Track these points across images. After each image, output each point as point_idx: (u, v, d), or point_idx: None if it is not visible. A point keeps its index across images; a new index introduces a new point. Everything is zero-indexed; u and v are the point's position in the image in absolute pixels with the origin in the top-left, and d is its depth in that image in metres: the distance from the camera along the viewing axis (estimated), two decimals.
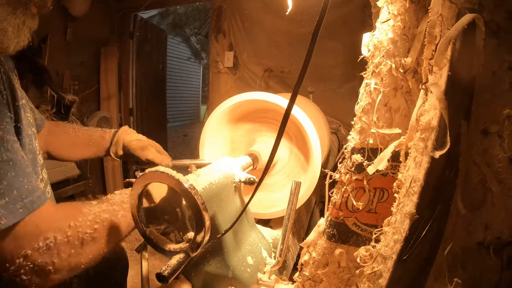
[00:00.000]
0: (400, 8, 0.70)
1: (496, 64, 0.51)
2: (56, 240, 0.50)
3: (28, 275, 0.48)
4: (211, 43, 2.96)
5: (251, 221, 0.98)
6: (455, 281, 0.51)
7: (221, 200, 0.80)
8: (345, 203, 0.78)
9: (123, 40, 3.35)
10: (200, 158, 1.24)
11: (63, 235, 0.51)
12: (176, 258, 0.62)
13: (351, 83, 2.42)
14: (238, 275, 0.81)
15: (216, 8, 2.86)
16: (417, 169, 0.55)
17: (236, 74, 2.88)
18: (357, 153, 0.76)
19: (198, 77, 10.49)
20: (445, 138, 0.50)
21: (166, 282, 0.58)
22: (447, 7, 0.54)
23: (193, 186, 0.60)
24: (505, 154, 0.50)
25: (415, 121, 0.61)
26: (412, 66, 0.69)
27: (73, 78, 2.89)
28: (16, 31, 0.58)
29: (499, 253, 0.50)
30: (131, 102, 3.51)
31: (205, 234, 0.60)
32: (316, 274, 0.83)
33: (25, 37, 0.61)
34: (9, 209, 0.45)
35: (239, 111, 1.24)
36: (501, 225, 0.51)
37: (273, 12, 2.53)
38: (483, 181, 0.52)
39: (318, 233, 0.85)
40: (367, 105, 0.75)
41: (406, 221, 0.54)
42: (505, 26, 0.50)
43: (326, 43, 2.36)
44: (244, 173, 0.89)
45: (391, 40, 0.71)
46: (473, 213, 0.52)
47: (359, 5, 2.27)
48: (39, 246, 0.48)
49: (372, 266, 0.62)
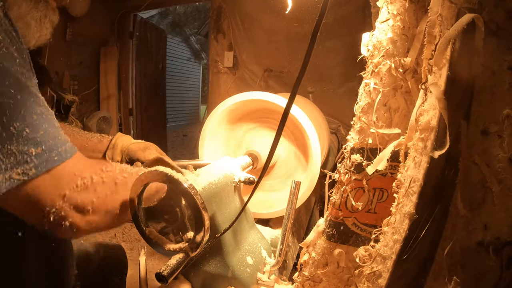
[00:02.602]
0: (399, 8, 0.70)
1: (496, 64, 0.51)
2: (92, 180, 0.52)
3: (69, 217, 0.49)
4: (211, 43, 2.96)
5: (250, 221, 0.98)
6: (455, 280, 0.51)
7: (220, 199, 0.80)
8: (345, 203, 0.78)
9: (123, 40, 3.34)
10: (200, 158, 1.24)
11: (98, 176, 0.53)
12: (175, 258, 0.62)
13: (351, 83, 2.42)
14: (238, 275, 0.81)
15: (216, 8, 2.86)
16: (417, 169, 0.55)
17: (235, 74, 2.88)
18: (357, 153, 0.76)
19: (197, 77, 10.48)
20: (444, 138, 0.50)
21: (165, 282, 0.58)
22: (446, 7, 0.54)
23: (193, 186, 0.60)
24: (505, 154, 0.50)
25: (414, 121, 0.61)
26: (412, 66, 0.69)
27: (72, 78, 2.88)
28: (39, 25, 0.58)
29: (498, 253, 0.50)
30: (130, 102, 3.51)
31: (204, 233, 0.60)
32: (316, 274, 0.83)
33: (47, 30, 0.61)
34: (45, 157, 0.47)
35: (239, 111, 1.24)
36: (500, 225, 0.51)
37: (272, 12, 2.53)
38: (483, 181, 0.52)
39: (318, 233, 0.85)
40: (367, 105, 0.75)
41: (406, 221, 0.54)
42: (505, 26, 0.50)
43: (326, 43, 2.36)
44: (243, 173, 0.89)
45: (390, 40, 0.71)
46: (473, 213, 0.52)
47: (359, 5, 2.27)
48: (76, 185, 0.50)
49: (372, 266, 0.62)
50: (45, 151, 0.47)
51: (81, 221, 0.50)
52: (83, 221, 0.51)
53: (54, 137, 0.49)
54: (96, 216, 0.52)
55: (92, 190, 0.52)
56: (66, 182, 0.49)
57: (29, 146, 0.45)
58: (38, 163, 0.46)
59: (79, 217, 0.50)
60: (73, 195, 0.49)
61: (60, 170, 0.49)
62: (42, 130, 0.48)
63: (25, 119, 0.45)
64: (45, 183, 0.47)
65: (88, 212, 0.51)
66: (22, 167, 0.44)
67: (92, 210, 0.51)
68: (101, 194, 0.53)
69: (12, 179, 0.43)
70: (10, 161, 0.43)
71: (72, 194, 0.49)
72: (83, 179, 0.51)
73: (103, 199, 0.53)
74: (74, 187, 0.50)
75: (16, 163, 0.44)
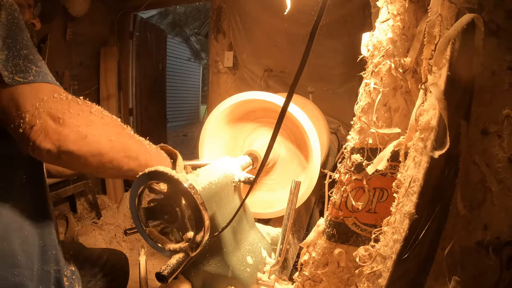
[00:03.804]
0: (399, 8, 0.70)
1: (496, 64, 0.51)
2: (68, 97, 0.59)
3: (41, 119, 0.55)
4: (211, 43, 2.96)
5: (250, 220, 0.98)
6: (455, 280, 0.51)
7: (220, 199, 0.80)
8: (345, 203, 0.78)
9: (123, 40, 3.35)
10: (200, 158, 1.24)
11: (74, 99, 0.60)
12: (175, 257, 0.62)
13: (351, 83, 2.43)
14: (238, 275, 0.81)
15: (216, 8, 2.86)
16: (417, 169, 0.55)
17: (235, 74, 2.88)
18: (357, 153, 0.76)
19: (197, 77, 10.49)
20: (444, 138, 0.50)
21: (165, 282, 0.58)
22: (446, 7, 0.54)
23: (193, 186, 0.60)
24: (505, 154, 0.50)
25: (414, 121, 0.61)
26: (412, 66, 0.69)
27: (72, 78, 2.89)
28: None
29: (498, 253, 0.50)
30: (130, 102, 3.51)
31: (204, 233, 0.60)
32: (316, 274, 0.83)
33: None
34: (41, 74, 0.59)
35: (239, 110, 1.24)
36: (500, 224, 0.51)
37: (272, 12, 2.53)
38: (483, 181, 0.52)
39: (318, 233, 0.85)
40: (367, 105, 0.75)
41: (406, 221, 0.54)
42: (505, 26, 0.50)
43: (326, 43, 2.37)
44: (243, 172, 0.89)
45: (390, 40, 0.71)
46: (473, 213, 0.53)
47: (359, 5, 2.27)
48: (53, 95, 0.57)
49: (372, 266, 0.62)
50: (41, 72, 0.59)
51: (50, 128, 0.55)
52: (52, 128, 0.55)
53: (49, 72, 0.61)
54: (66, 129, 0.56)
55: (66, 104, 0.58)
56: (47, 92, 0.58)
57: (31, 65, 0.58)
58: (35, 75, 0.58)
59: (50, 122, 0.55)
60: (49, 101, 0.56)
61: (49, 86, 0.59)
62: (41, 63, 0.60)
63: (32, 52, 0.60)
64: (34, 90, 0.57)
65: (58, 121, 0.56)
66: (23, 74, 0.56)
67: (62, 121, 0.56)
68: (74, 111, 0.58)
69: (14, 79, 0.55)
70: (16, 69, 0.56)
71: (48, 100, 0.56)
72: (61, 93, 0.59)
73: (75, 117, 0.58)
74: (51, 96, 0.57)
75: (20, 71, 0.56)
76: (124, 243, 2.68)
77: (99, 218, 2.88)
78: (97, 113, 0.61)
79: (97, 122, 0.60)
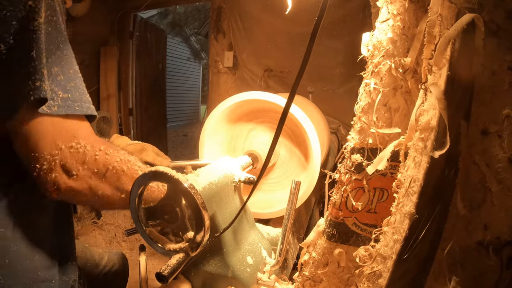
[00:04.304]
0: (399, 8, 0.70)
1: (496, 64, 0.51)
2: (85, 149, 0.54)
3: (55, 172, 0.52)
4: (211, 43, 2.96)
5: (250, 220, 0.98)
6: (454, 280, 0.51)
7: (220, 199, 0.80)
8: (345, 203, 0.78)
9: (123, 40, 3.35)
10: (200, 158, 1.24)
11: (93, 150, 0.55)
12: (175, 257, 0.62)
13: (351, 83, 2.43)
14: (238, 275, 0.81)
15: (216, 8, 2.86)
16: (417, 169, 0.55)
17: (235, 74, 2.88)
18: (357, 153, 0.76)
19: (197, 77, 10.48)
20: (444, 138, 0.50)
21: (165, 282, 0.58)
22: (446, 6, 0.54)
23: (193, 186, 0.60)
24: (505, 154, 0.50)
25: (414, 121, 0.61)
26: (412, 66, 0.69)
27: None
28: None
29: (498, 253, 0.50)
30: (130, 102, 3.51)
31: (204, 233, 0.60)
32: (316, 274, 0.83)
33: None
34: (68, 103, 0.53)
35: (239, 110, 1.24)
36: (500, 224, 0.51)
37: (272, 12, 2.53)
38: (483, 181, 0.52)
39: (318, 233, 0.85)
40: (367, 105, 0.75)
41: (406, 221, 0.54)
42: (505, 26, 0.50)
43: (326, 43, 2.37)
44: (243, 172, 0.89)
45: (390, 40, 0.71)
46: (473, 213, 0.52)
47: (359, 5, 2.27)
48: (71, 146, 0.53)
49: (372, 266, 0.62)
50: (70, 99, 0.53)
51: (63, 183, 0.53)
52: (65, 184, 0.53)
53: (81, 92, 0.56)
54: (79, 185, 0.54)
55: (81, 159, 0.54)
56: (65, 135, 0.53)
57: (59, 88, 0.52)
58: (61, 104, 0.52)
59: (64, 178, 0.53)
60: (65, 153, 0.52)
61: (69, 121, 0.53)
62: (73, 83, 0.54)
63: (63, 69, 0.53)
64: (53, 124, 0.51)
65: (72, 177, 0.53)
66: (48, 102, 0.50)
67: (76, 177, 0.54)
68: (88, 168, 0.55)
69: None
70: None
71: (65, 150, 0.52)
72: (77, 143, 0.54)
73: (89, 175, 0.55)
74: (68, 146, 0.53)
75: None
76: (124, 243, 2.68)
77: (99, 218, 2.88)
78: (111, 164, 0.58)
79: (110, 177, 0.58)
